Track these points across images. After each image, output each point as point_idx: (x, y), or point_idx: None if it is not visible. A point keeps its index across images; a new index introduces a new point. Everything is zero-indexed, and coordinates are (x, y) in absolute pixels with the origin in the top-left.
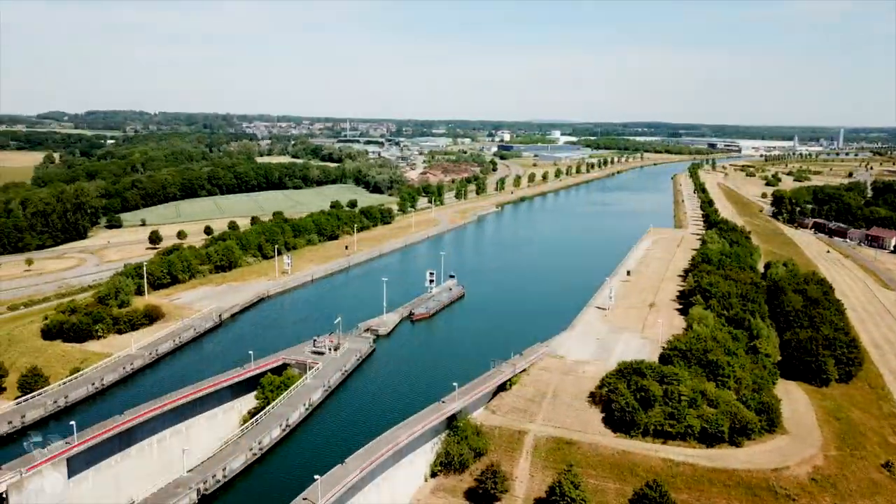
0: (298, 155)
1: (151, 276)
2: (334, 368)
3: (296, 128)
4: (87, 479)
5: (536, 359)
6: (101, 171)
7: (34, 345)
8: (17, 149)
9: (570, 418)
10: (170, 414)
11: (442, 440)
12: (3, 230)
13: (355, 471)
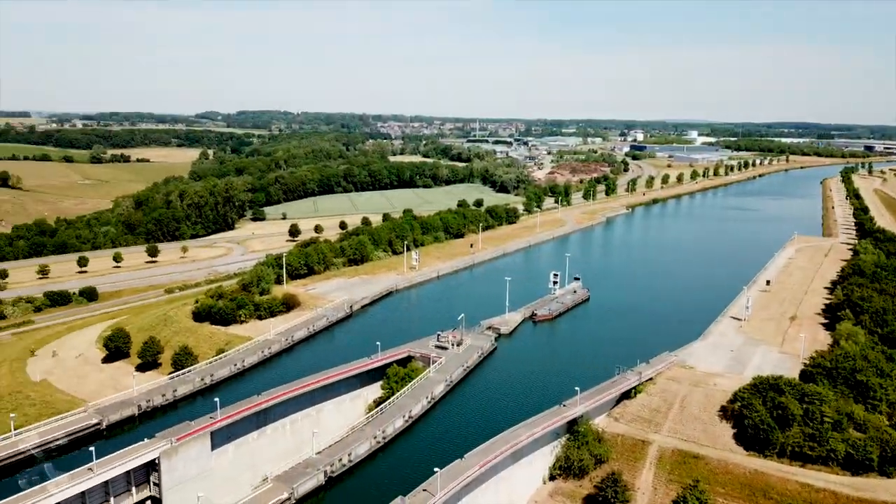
0: (429, 154)
1: (290, 266)
2: (457, 364)
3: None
4: (227, 453)
5: (664, 368)
6: (249, 168)
7: (186, 325)
8: (177, 146)
9: (697, 431)
10: (302, 397)
11: (562, 444)
12: (164, 220)
13: (474, 466)
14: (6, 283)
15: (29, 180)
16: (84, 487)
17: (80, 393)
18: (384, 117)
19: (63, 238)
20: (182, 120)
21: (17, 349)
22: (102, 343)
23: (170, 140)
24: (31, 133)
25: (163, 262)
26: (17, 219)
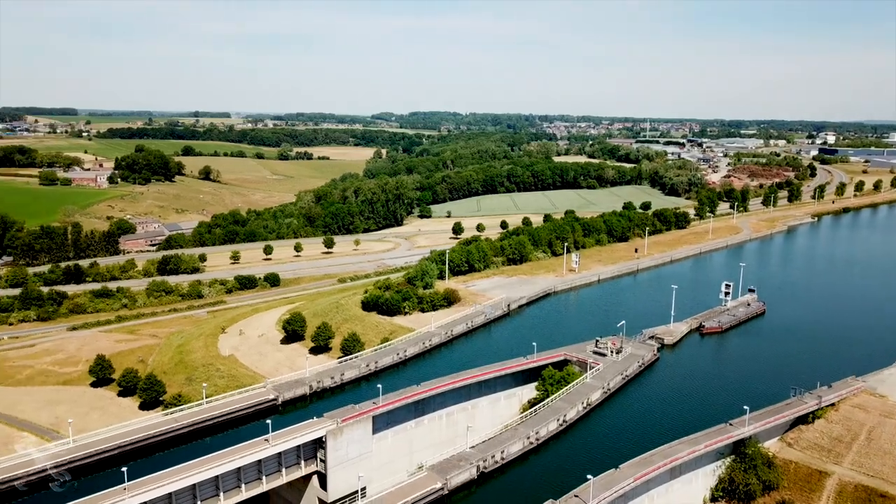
0: (595, 155)
1: (452, 263)
2: (615, 371)
3: (594, 128)
4: (386, 438)
5: (849, 393)
6: (418, 167)
7: (355, 314)
8: (354, 145)
9: (887, 468)
10: (459, 391)
11: (726, 465)
12: (340, 214)
13: (629, 478)
14: (205, 266)
15: (227, 175)
16: (261, 456)
17: (260, 369)
18: (550, 118)
19: (252, 228)
20: (360, 121)
21: (210, 326)
22: (282, 325)
23: (348, 139)
24: (230, 132)
25: (337, 253)
26: (216, 209)
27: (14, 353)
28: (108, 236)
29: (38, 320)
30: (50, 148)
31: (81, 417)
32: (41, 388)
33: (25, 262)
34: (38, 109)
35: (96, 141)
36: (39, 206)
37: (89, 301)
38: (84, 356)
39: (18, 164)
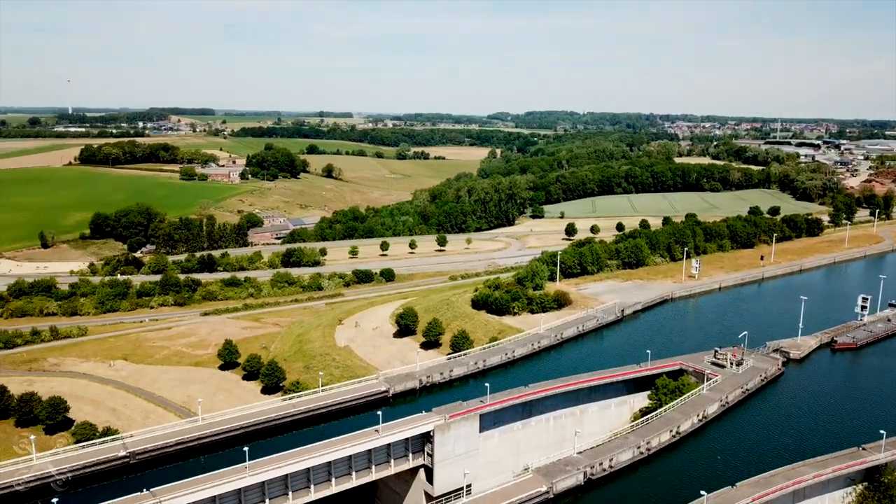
0: (719, 156)
1: (564, 264)
2: (734, 384)
3: (719, 128)
4: (493, 437)
5: None
6: (532, 167)
7: (464, 311)
8: (470, 144)
9: None
10: (568, 395)
11: (857, 492)
12: (453, 213)
13: (746, 498)
14: (325, 259)
15: (348, 173)
16: (371, 446)
17: (373, 361)
18: (672, 117)
19: (371, 224)
20: (476, 121)
21: (329, 317)
22: (395, 319)
23: (463, 139)
24: (352, 132)
25: (449, 251)
26: (336, 205)
27: (153, 334)
28: (238, 229)
29: (175, 305)
30: (190, 145)
31: (209, 397)
32: (176, 367)
33: (166, 251)
34: (181, 110)
35: (230, 139)
36: (179, 199)
37: (220, 289)
38: (214, 340)
39: (163, 160)
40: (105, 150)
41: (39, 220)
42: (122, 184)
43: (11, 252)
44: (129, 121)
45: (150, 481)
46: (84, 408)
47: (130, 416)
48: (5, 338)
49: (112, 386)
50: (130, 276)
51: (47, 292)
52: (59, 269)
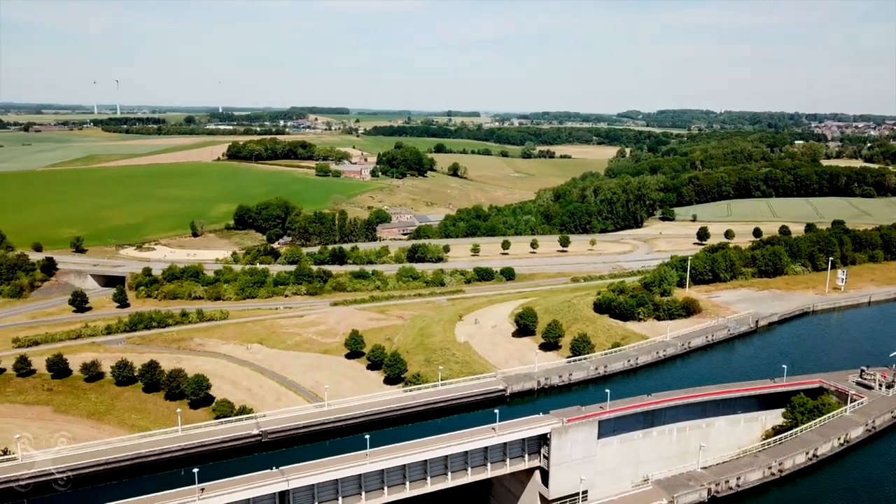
0: (874, 159)
1: (694, 270)
2: (884, 408)
3: (875, 128)
4: (612, 445)
5: None
6: (663, 167)
7: (586, 314)
8: (597, 143)
9: None
10: (693, 407)
11: None
12: (577, 213)
13: None
14: (448, 256)
15: (472, 171)
16: (487, 444)
17: (491, 359)
18: (820, 116)
19: (493, 223)
20: (605, 119)
21: (449, 312)
22: (514, 319)
23: (591, 138)
24: (478, 131)
25: (572, 252)
26: (460, 203)
27: (287, 321)
28: (367, 224)
29: (307, 294)
30: (325, 143)
31: (336, 384)
32: (306, 354)
33: (301, 243)
34: (318, 109)
35: (363, 138)
36: (314, 194)
37: (349, 281)
38: (342, 330)
39: (300, 157)
40: (249, 146)
41: (191, 210)
42: (264, 178)
43: (167, 239)
44: (272, 119)
45: (278, 460)
46: (223, 386)
47: (264, 397)
48: (159, 317)
49: (249, 368)
50: (268, 265)
51: (195, 278)
52: (206, 256)
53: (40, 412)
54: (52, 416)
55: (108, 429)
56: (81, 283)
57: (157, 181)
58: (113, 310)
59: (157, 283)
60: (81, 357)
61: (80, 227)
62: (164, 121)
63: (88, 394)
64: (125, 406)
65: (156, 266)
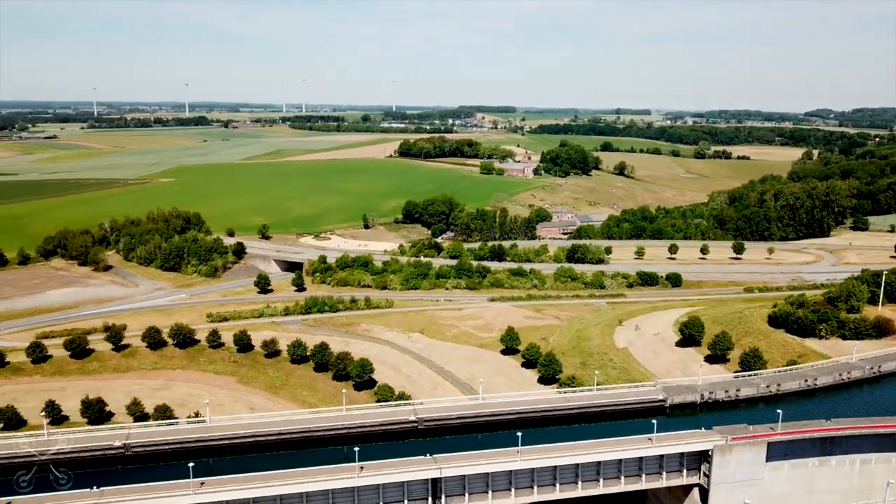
0: None
1: (889, 286)
2: None
3: None
4: (781, 469)
5: None
6: (857, 171)
7: (759, 328)
8: (780, 144)
9: None
10: (881, 438)
11: None
12: (754, 219)
13: None
14: (609, 258)
15: (640, 171)
16: (643, 454)
17: (651, 367)
18: None
19: (659, 225)
20: (790, 118)
21: (608, 316)
22: (678, 327)
23: (773, 138)
24: (649, 129)
25: (746, 260)
26: (626, 204)
27: (447, 313)
28: (527, 222)
29: (466, 288)
30: (490, 141)
31: (490, 379)
32: (463, 346)
33: (463, 239)
34: (486, 107)
35: (528, 136)
36: (477, 191)
37: (507, 278)
38: (498, 325)
39: (466, 155)
40: (419, 144)
41: (363, 204)
42: (431, 175)
43: (341, 230)
44: (441, 118)
45: (431, 447)
46: (385, 371)
47: (422, 385)
48: (331, 302)
49: (409, 356)
50: (431, 259)
51: (365, 267)
52: (375, 247)
53: (226, 381)
54: (235, 386)
55: (282, 402)
56: (266, 266)
57: (334, 175)
58: (291, 293)
59: (331, 270)
60: (262, 334)
61: (267, 216)
62: (343, 119)
63: (267, 368)
64: (298, 383)
65: (330, 254)
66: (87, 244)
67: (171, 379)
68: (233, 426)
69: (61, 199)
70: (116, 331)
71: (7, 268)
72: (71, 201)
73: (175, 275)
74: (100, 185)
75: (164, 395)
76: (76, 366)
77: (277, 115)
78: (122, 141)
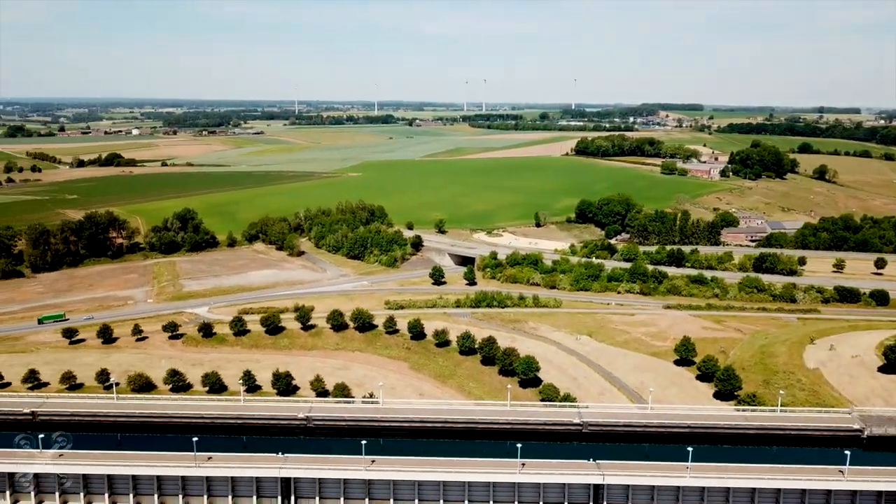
0: None
1: None
2: None
3: None
4: None
5: None
6: None
7: None
8: None
9: None
10: None
11: None
12: None
13: None
14: (802, 270)
15: (844, 175)
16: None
17: (847, 393)
18: None
19: (865, 236)
20: None
21: (798, 333)
22: (882, 350)
23: None
24: (857, 129)
25: None
26: (825, 211)
27: (617, 318)
28: (711, 227)
29: (639, 293)
30: (674, 141)
31: (661, 389)
32: (633, 353)
33: (638, 241)
34: (670, 105)
35: (715, 135)
36: (656, 192)
37: (685, 285)
38: (672, 334)
39: (646, 154)
40: (597, 142)
41: (536, 202)
42: (607, 174)
43: (512, 227)
44: (621, 116)
45: (595, 453)
46: (550, 371)
47: (588, 389)
48: (500, 298)
49: (576, 358)
50: (604, 260)
51: (534, 265)
52: (545, 246)
53: (399, 366)
54: (407, 372)
55: (449, 391)
56: (440, 259)
57: (509, 173)
58: (462, 286)
59: (501, 266)
60: (434, 324)
61: (444, 211)
62: (522, 117)
63: (437, 357)
64: (465, 374)
65: (501, 251)
66: (284, 231)
67: (350, 360)
68: (403, 410)
69: (264, 189)
70: (305, 311)
71: (218, 249)
72: (272, 191)
73: (358, 263)
74: (297, 178)
75: (344, 374)
76: (270, 341)
77: (458, 114)
78: (318, 137)
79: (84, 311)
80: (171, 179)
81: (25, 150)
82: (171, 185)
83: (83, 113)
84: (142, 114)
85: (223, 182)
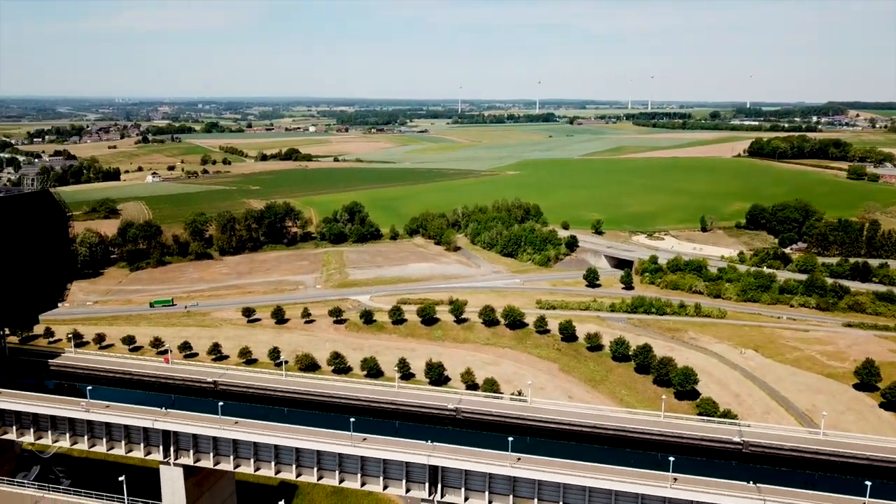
0: None
1: None
2: None
3: None
4: None
5: None
6: None
7: None
8: None
9: None
10: None
11: None
12: None
13: None
14: None
15: None
16: None
17: None
18: None
19: None
20: None
21: None
22: None
23: None
24: None
25: None
26: None
27: (789, 333)
28: None
29: (815, 308)
30: (864, 142)
31: (836, 414)
32: (805, 372)
33: (817, 251)
34: (861, 104)
35: None
36: (841, 198)
37: (870, 301)
38: (852, 355)
39: (831, 157)
40: (773, 143)
41: (702, 205)
42: (784, 178)
43: (675, 231)
44: (803, 115)
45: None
46: (710, 385)
47: (751, 406)
48: (658, 305)
49: (739, 372)
50: (776, 270)
51: (698, 272)
52: (711, 252)
53: (548, 367)
54: (557, 373)
55: (599, 396)
56: (595, 261)
57: (673, 174)
58: (618, 290)
59: (661, 271)
60: (586, 327)
61: (601, 211)
62: (690, 116)
63: (588, 361)
64: (617, 380)
65: (662, 255)
66: (442, 226)
67: (499, 356)
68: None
69: (426, 185)
70: (459, 305)
71: (381, 241)
72: (433, 188)
73: (511, 260)
74: (457, 175)
75: (493, 370)
76: (424, 331)
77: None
78: (478, 135)
79: (261, 293)
80: (341, 174)
81: (219, 144)
82: (342, 180)
83: (268, 111)
84: (318, 112)
85: (388, 178)
